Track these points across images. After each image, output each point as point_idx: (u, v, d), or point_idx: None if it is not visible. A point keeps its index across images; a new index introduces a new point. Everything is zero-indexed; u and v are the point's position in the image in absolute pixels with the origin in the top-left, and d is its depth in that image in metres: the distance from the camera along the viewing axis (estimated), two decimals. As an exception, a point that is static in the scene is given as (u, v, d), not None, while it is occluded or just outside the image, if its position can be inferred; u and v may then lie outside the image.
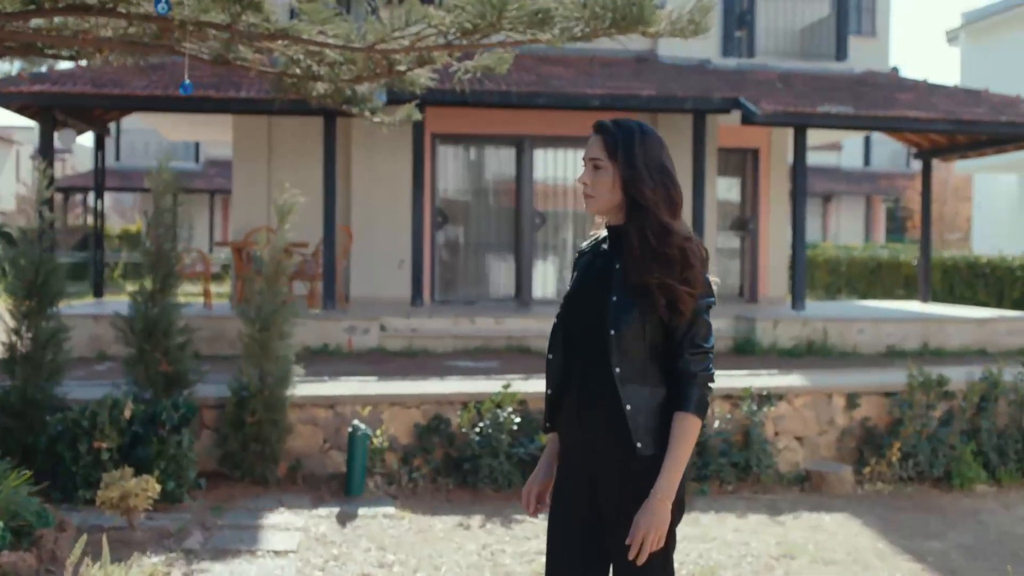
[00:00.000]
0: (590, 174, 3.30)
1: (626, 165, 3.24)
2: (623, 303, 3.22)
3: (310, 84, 6.94)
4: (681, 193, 3.31)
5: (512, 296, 16.61)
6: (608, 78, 15.22)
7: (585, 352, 3.30)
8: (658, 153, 3.30)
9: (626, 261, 3.25)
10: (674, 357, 3.24)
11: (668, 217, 3.24)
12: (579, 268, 3.46)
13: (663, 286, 3.18)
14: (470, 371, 12.01)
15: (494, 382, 8.78)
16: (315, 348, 13.32)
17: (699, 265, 3.25)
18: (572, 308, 3.39)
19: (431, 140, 16.15)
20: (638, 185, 3.22)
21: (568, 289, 3.45)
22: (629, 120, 3.34)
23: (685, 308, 3.20)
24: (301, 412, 8.30)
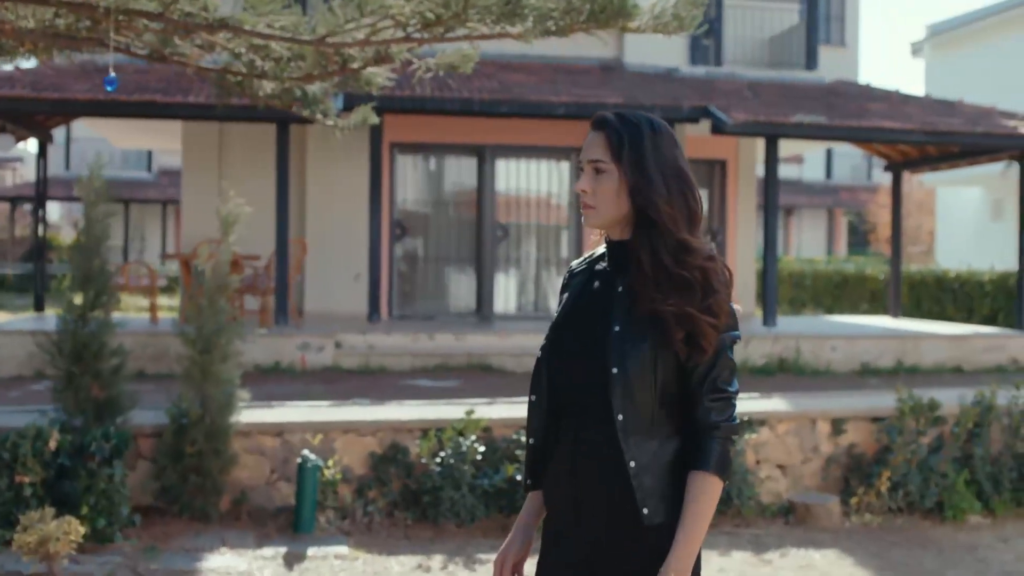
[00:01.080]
0: (590, 179, 2.72)
1: (634, 168, 2.66)
2: (629, 335, 2.64)
3: (256, 83, 6.30)
4: (701, 202, 2.73)
5: (473, 311, 16.01)
6: (573, 86, 14.68)
7: (578, 396, 2.72)
8: (673, 153, 2.72)
9: (634, 284, 2.67)
10: (691, 404, 2.66)
11: (686, 232, 2.67)
12: (570, 291, 2.86)
13: (681, 316, 2.60)
14: (429, 391, 11.42)
15: (455, 407, 8.16)
16: (267, 366, 12.68)
17: (723, 290, 2.66)
18: (562, 340, 2.78)
19: (389, 149, 15.54)
20: (649, 193, 2.65)
21: (556, 317, 2.86)
22: (636, 112, 2.76)
23: (707, 344, 2.62)
24: (246, 440, 7.65)
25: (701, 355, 2.62)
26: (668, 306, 2.60)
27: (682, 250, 2.64)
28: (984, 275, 20.04)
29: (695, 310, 2.60)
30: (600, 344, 2.66)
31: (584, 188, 2.72)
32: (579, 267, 2.91)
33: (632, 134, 2.68)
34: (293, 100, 6.51)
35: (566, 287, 2.91)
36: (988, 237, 27.60)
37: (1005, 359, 14.47)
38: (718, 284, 2.65)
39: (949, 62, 28.61)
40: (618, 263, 2.75)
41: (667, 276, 2.62)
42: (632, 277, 2.67)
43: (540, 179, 16.37)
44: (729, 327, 2.68)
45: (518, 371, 13.17)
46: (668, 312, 2.60)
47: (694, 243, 2.66)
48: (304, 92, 6.50)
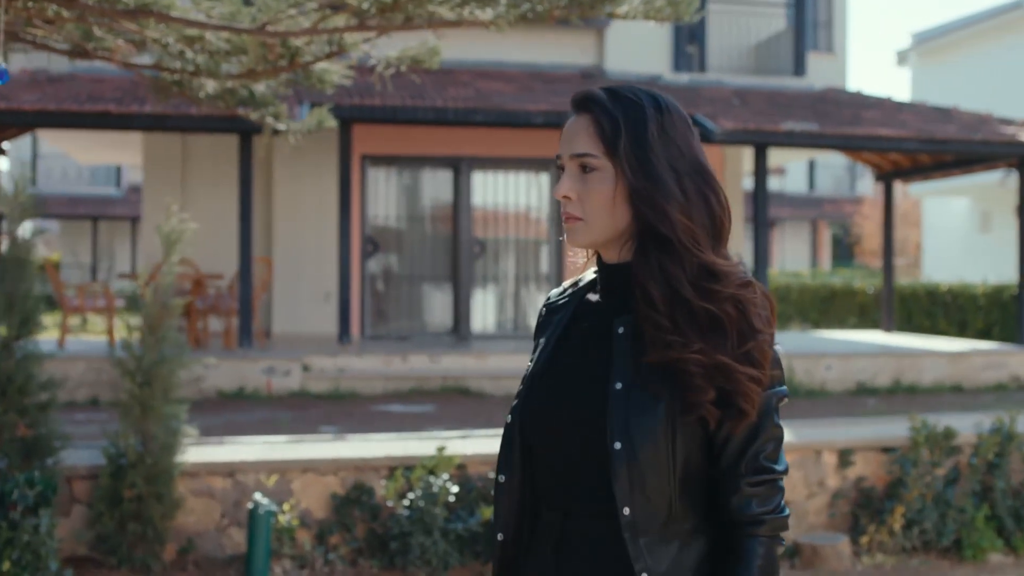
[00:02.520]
0: (575, 181, 2.00)
1: (637, 164, 1.95)
2: (636, 396, 1.92)
3: (196, 82, 5.56)
4: (728, 206, 2.02)
5: (449, 330, 15.28)
6: (552, 94, 14.00)
7: (565, 479, 2.01)
8: (688, 140, 2.00)
9: (640, 324, 1.95)
10: (723, 489, 1.95)
11: (710, 250, 1.96)
12: (550, 332, 2.13)
13: (710, 368, 1.89)
14: (402, 418, 10.70)
15: (426, 442, 7.41)
16: (229, 391, 11.92)
17: (766, 329, 1.95)
18: (541, 400, 2.05)
19: (360, 161, 14.80)
20: (658, 198, 1.93)
21: (531, 366, 2.13)
22: (633, 86, 2.04)
23: (747, 405, 1.90)
24: (193, 482, 6.88)
25: (739, 422, 1.91)
26: (691, 354, 1.88)
27: (707, 275, 1.92)
28: (977, 288, 19.41)
29: (729, 359, 1.88)
30: (595, 407, 1.95)
31: (567, 194, 1.99)
32: (560, 298, 2.19)
33: (631, 116, 1.96)
34: (239, 102, 5.77)
35: (544, 325, 2.18)
36: (976, 249, 27.04)
37: (1006, 377, 13.83)
38: (759, 321, 1.93)
39: (935, 71, 28.09)
40: (616, 294, 2.04)
41: (687, 312, 1.91)
42: (637, 314, 1.95)
43: (519, 192, 15.67)
44: (775, 380, 1.96)
45: (496, 394, 12.45)
46: (692, 363, 1.88)
47: (722, 265, 1.94)
48: (251, 92, 5.76)
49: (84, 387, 11.62)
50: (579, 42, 16.24)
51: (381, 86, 7.76)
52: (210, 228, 14.89)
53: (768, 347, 1.93)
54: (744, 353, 1.90)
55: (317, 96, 9.92)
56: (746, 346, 1.90)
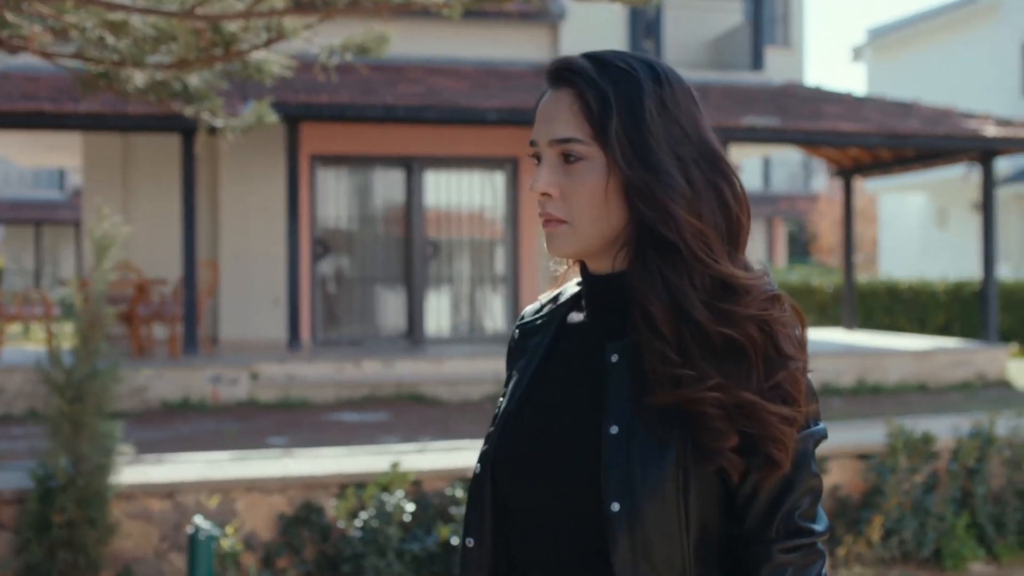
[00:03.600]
0: (556, 174, 1.60)
1: (633, 152, 1.55)
2: (637, 443, 1.52)
3: (123, 74, 5.11)
4: (746, 200, 1.62)
5: (403, 334, 14.85)
6: (506, 90, 13.61)
7: (550, 547, 1.59)
8: (694, 118, 1.61)
9: (642, 352, 1.55)
10: (751, 558, 1.55)
11: (725, 257, 1.56)
12: (526, 360, 1.72)
13: (731, 409, 1.50)
14: (355, 427, 10.29)
15: (379, 457, 6.99)
16: (174, 402, 11.45)
17: (798, 356, 1.56)
18: (516, 447, 1.64)
19: (309, 161, 14.33)
20: (661, 194, 1.53)
21: (503, 402, 1.72)
22: (624, 53, 1.64)
23: (779, 452, 1.51)
24: (130, 504, 6.42)
25: (769, 473, 1.52)
26: (707, 392, 1.49)
27: (723, 290, 1.54)
28: (937, 285, 19.25)
29: (755, 396, 1.49)
30: (586, 457, 1.55)
31: (547, 189, 1.59)
32: (536, 318, 1.78)
33: (624, 90, 1.56)
34: (171, 95, 5.32)
35: (517, 352, 1.77)
36: (933, 245, 26.95)
37: (971, 375, 13.59)
38: (790, 345, 1.54)
39: (890, 66, 27.98)
40: (606, 311, 1.64)
41: (700, 338, 1.51)
42: (637, 338, 1.55)
43: (473, 191, 15.27)
44: (810, 418, 1.57)
45: (452, 400, 12.06)
46: (708, 402, 1.49)
47: (743, 278, 1.55)
48: (185, 86, 5.31)
49: (22, 399, 11.11)
50: (533, 37, 15.87)
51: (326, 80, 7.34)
52: (154, 231, 14.39)
53: (802, 377, 1.54)
54: (773, 387, 1.51)
55: (260, 91, 9.46)
56: (775, 378, 1.51)
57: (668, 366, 1.50)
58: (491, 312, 15.50)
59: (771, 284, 1.57)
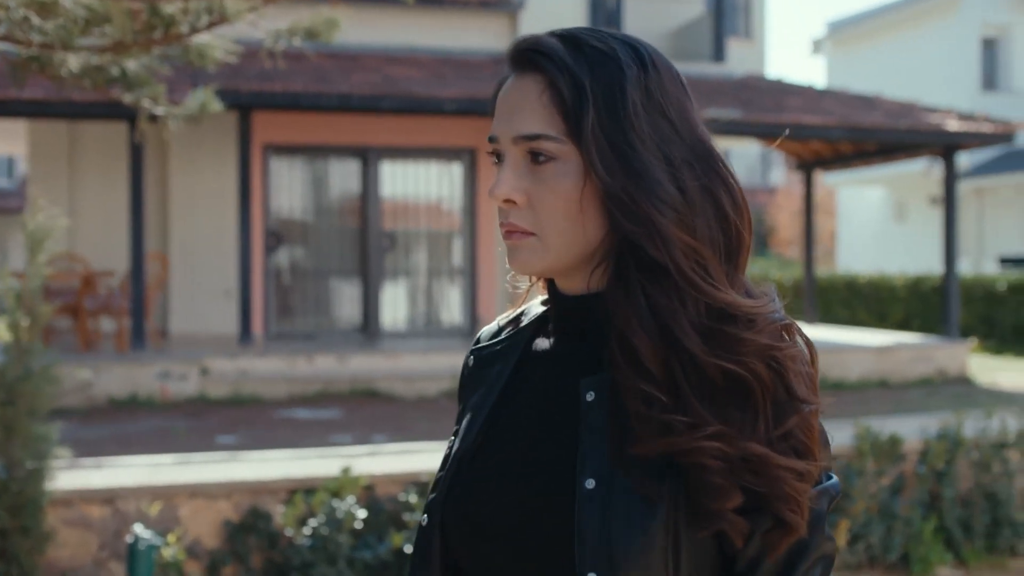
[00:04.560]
0: (521, 177, 1.34)
1: (613, 154, 1.29)
2: (619, 500, 1.26)
3: (57, 57, 4.80)
4: (746, 207, 1.36)
5: (358, 327, 14.56)
6: (464, 80, 13.33)
7: None
8: (685, 112, 1.35)
9: (622, 391, 1.28)
10: None
11: (723, 278, 1.30)
12: (481, 395, 1.46)
13: (736, 463, 1.24)
14: (308, 424, 10.02)
15: (329, 460, 6.72)
16: (121, 398, 11.12)
17: (811, 398, 1.31)
18: (470, 498, 1.38)
19: (262, 151, 13.99)
20: (645, 205, 1.27)
21: (453, 442, 1.46)
22: (601, 31, 1.37)
23: (794, 514, 1.25)
24: (67, 511, 6.11)
25: (778, 538, 1.26)
26: (706, 442, 1.23)
27: (722, 318, 1.28)
28: (897, 280, 19.19)
29: (763, 446, 1.24)
30: (556, 515, 1.29)
31: (511, 196, 1.33)
32: (495, 342, 1.51)
33: (603, 78, 1.30)
34: (108, 81, 5.01)
35: (472, 383, 1.50)
36: (890, 239, 26.95)
37: (932, 370, 13.48)
38: (802, 385, 1.29)
39: (850, 59, 27.93)
40: (580, 340, 1.39)
41: (696, 375, 1.26)
42: (617, 375, 1.29)
43: (430, 182, 15.00)
44: (824, 472, 1.33)
45: (408, 397, 11.81)
46: (707, 454, 1.23)
47: (747, 306, 1.29)
48: (123, 71, 5.01)
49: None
50: (491, 26, 15.60)
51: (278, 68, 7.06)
52: (101, 222, 14.02)
53: (816, 423, 1.30)
54: (784, 436, 1.26)
55: (211, 79, 9.15)
56: (786, 424, 1.26)
57: (656, 410, 1.24)
58: (448, 306, 15.25)
59: (779, 311, 1.33)
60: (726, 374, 1.24)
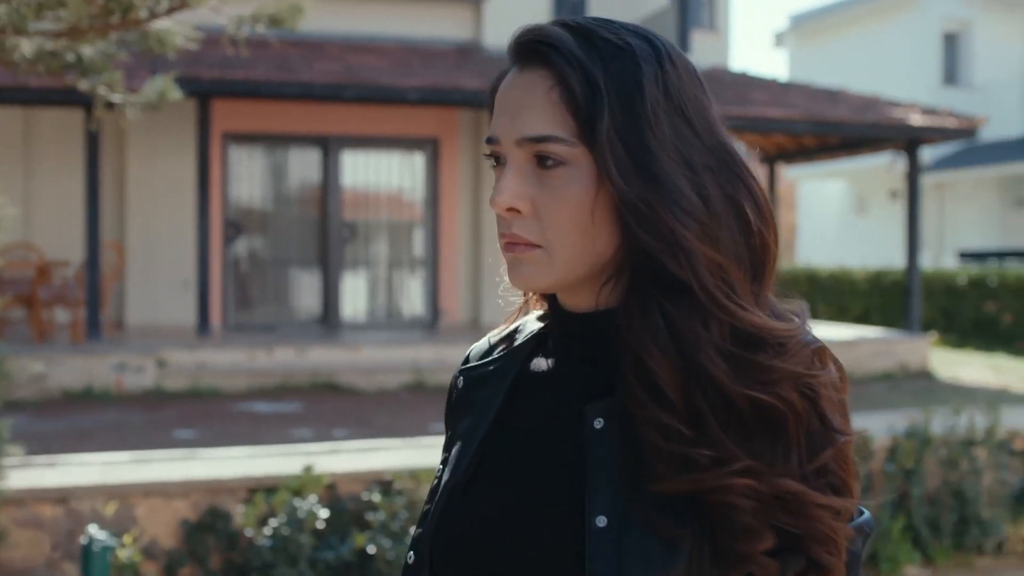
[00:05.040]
0: (526, 183, 1.20)
1: (629, 159, 1.15)
2: (634, 541, 1.12)
3: (10, 42, 4.61)
4: (773, 218, 1.23)
5: (318, 319, 14.38)
6: (427, 69, 13.17)
7: None
8: (704, 111, 1.22)
9: (638, 420, 1.15)
10: None
11: (750, 297, 1.18)
12: (472, 420, 1.32)
13: (768, 501, 1.11)
14: (267, 418, 9.86)
15: (290, 459, 6.57)
16: (76, 391, 10.89)
17: (845, 425, 1.19)
18: (463, 535, 1.24)
19: (221, 139, 13.77)
20: (666, 217, 1.14)
21: (441, 472, 1.33)
22: (611, 21, 1.23)
23: (832, 556, 1.14)
24: (19, 511, 5.94)
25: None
26: (736, 479, 1.11)
27: (748, 341, 1.15)
28: (857, 273, 19.22)
29: (797, 482, 1.13)
30: (562, 557, 1.16)
31: (515, 204, 1.19)
32: (487, 362, 1.37)
33: (618, 74, 1.17)
34: (63, 67, 4.83)
35: (462, 406, 1.36)
36: (851, 232, 27.05)
37: (894, 365, 13.48)
38: (836, 415, 1.17)
39: (812, 52, 27.99)
40: (587, 361, 1.26)
41: (721, 404, 1.13)
42: (631, 404, 1.16)
43: (391, 172, 14.83)
44: (858, 508, 1.22)
45: (369, 390, 11.65)
46: (737, 492, 1.11)
47: (779, 329, 1.17)
48: (79, 57, 4.83)
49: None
50: (455, 15, 15.43)
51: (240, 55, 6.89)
52: (57, 211, 13.76)
53: (850, 454, 1.19)
54: (819, 470, 1.15)
55: (170, 66, 8.95)
56: (821, 457, 1.15)
57: (676, 443, 1.12)
58: (409, 297, 15.10)
59: (809, 331, 1.21)
60: (755, 404, 1.12)
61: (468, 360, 1.40)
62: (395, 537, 6.03)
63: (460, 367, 1.40)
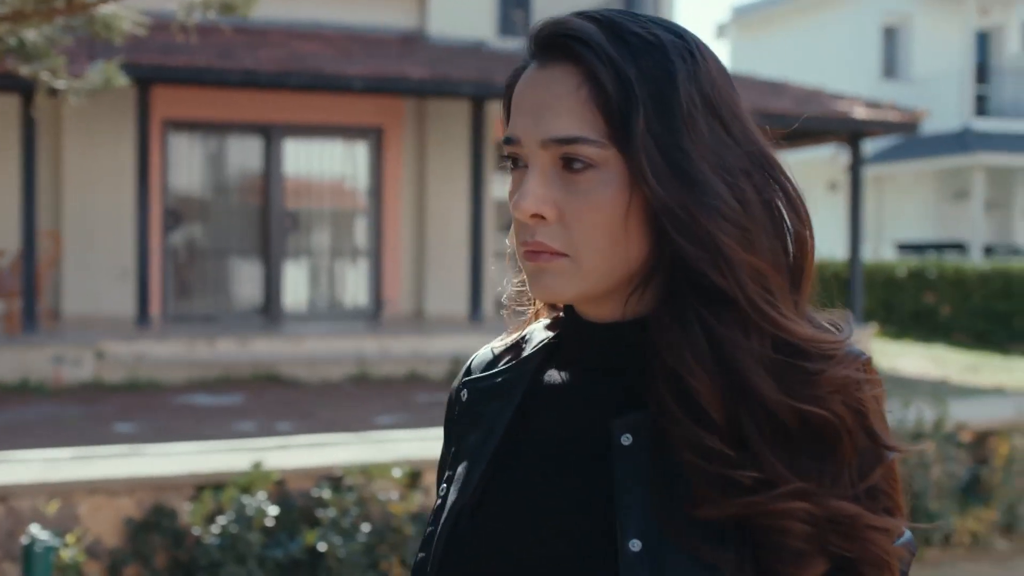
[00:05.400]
0: (552, 187, 1.11)
1: (664, 163, 1.07)
2: (671, 567, 1.05)
3: (-52, 28, 4.44)
4: (811, 224, 1.16)
5: (260, 309, 14.20)
6: (372, 57, 13.04)
7: None
8: (736, 109, 1.17)
9: (674, 439, 1.07)
10: None
11: (791, 305, 1.11)
12: (479, 435, 1.22)
13: (823, 524, 1.04)
14: (209, 411, 9.72)
15: (238, 455, 6.43)
16: (11, 384, 10.69)
17: (891, 440, 1.12)
18: (475, 563, 1.15)
19: (161, 127, 13.55)
20: (707, 224, 1.06)
21: (446, 491, 1.23)
22: (638, 16, 1.15)
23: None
24: (-44, 509, 5.76)
25: None
26: (789, 502, 1.03)
27: (794, 355, 1.07)
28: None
29: (852, 504, 1.06)
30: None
31: (540, 210, 1.10)
32: (494, 373, 1.27)
33: (650, 71, 1.09)
34: (5, 52, 4.67)
35: (466, 419, 1.26)
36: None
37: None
38: (884, 430, 1.11)
39: (754, 44, 28.12)
40: (609, 374, 1.17)
41: (769, 422, 1.05)
42: (667, 423, 1.08)
43: (334, 161, 14.70)
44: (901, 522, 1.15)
45: (311, 382, 11.53)
46: (790, 516, 1.04)
47: (824, 341, 1.09)
48: (21, 41, 4.67)
49: None
50: (400, 3, 15.30)
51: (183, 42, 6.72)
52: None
53: (896, 473, 1.13)
54: (870, 490, 1.08)
55: (110, 51, 8.75)
56: (872, 476, 1.08)
57: (718, 464, 1.05)
58: (352, 287, 14.97)
59: (851, 342, 1.14)
60: (805, 419, 1.05)
61: (470, 371, 1.31)
62: (346, 534, 5.93)
63: (462, 379, 1.31)
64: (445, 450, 1.30)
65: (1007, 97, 23.75)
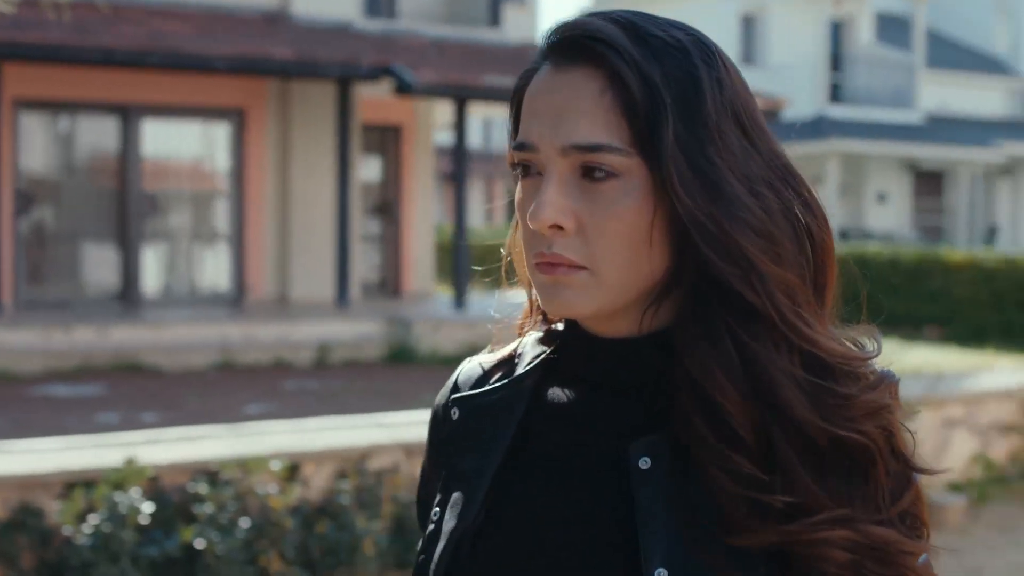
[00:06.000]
0: (571, 197, 1.03)
1: (694, 173, 1.00)
2: None
3: None
4: (830, 234, 1.09)
5: (117, 295, 13.77)
6: (234, 37, 12.77)
7: None
8: (757, 117, 1.07)
9: (705, 466, 1.01)
10: None
11: (817, 319, 1.05)
12: (476, 458, 1.13)
13: (863, 551, 1.00)
14: (68, 403, 9.39)
15: (109, 450, 6.19)
16: None
17: (923, 465, 1.08)
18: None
19: (12, 106, 13.00)
20: (736, 236, 1.00)
21: (439, 515, 1.14)
22: (655, 18, 1.07)
23: None
24: None
25: None
26: (831, 530, 0.99)
27: (824, 373, 1.02)
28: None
29: (889, 530, 1.02)
30: None
31: (559, 220, 1.03)
32: (488, 390, 1.18)
33: (674, 76, 1.02)
34: None
35: (457, 439, 1.17)
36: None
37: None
38: (909, 451, 1.07)
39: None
40: (622, 393, 1.09)
41: (803, 445, 1.01)
42: (690, 439, 1.02)
43: (194, 143, 14.33)
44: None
45: (173, 370, 11.24)
46: (829, 544, 0.99)
47: (857, 358, 1.05)
48: None
49: None
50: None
51: (36, 18, 6.44)
52: None
53: (921, 494, 1.09)
54: (904, 518, 1.05)
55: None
56: (904, 499, 1.05)
57: (751, 488, 0.99)
58: (214, 271, 14.63)
59: (870, 358, 1.08)
60: (837, 442, 1.01)
61: (457, 387, 1.22)
62: (223, 530, 5.76)
63: (450, 396, 1.21)
64: (430, 471, 1.21)
65: (860, 85, 24.43)
